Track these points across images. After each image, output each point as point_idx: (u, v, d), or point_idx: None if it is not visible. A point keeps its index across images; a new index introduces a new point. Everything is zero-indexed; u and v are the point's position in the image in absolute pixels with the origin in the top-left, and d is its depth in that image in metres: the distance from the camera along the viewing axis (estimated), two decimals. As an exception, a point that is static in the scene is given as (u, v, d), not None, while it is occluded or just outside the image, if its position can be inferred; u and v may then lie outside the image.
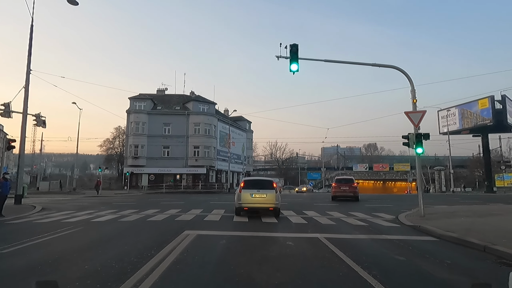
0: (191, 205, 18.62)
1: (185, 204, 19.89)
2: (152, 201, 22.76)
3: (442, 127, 49.75)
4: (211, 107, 51.09)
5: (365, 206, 18.22)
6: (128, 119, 48.52)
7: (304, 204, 20.57)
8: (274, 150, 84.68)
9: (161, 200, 23.76)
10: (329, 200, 22.63)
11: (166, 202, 20.84)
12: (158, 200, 23.84)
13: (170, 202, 21.28)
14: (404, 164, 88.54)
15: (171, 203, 20.15)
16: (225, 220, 11.89)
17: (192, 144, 48.57)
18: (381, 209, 16.43)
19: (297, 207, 17.42)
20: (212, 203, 20.11)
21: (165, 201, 21.75)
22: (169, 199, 24.80)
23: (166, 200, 22.88)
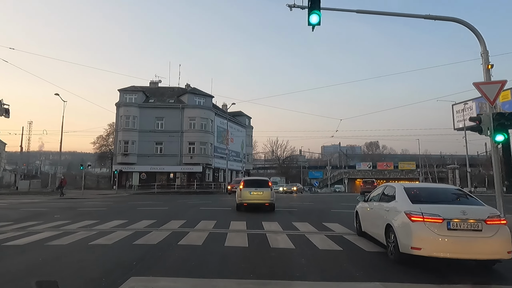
0: (174, 213, 14.21)
1: (168, 210, 15.46)
2: (130, 205, 18.32)
3: (457, 122, 45.32)
4: (208, 100, 46.61)
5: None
6: (118, 112, 44.02)
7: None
8: (275, 148, 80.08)
9: (143, 203, 19.37)
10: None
11: (144, 208, 16.42)
12: (139, 203, 19.43)
13: (150, 207, 16.86)
14: (409, 163, 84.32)
15: (150, 209, 15.74)
16: (212, 244, 7.44)
17: (187, 140, 44.09)
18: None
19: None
20: (202, 209, 15.70)
21: (144, 206, 17.34)
22: (152, 202, 20.40)
23: (147, 204, 18.46)
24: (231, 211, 14.86)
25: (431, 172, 74.03)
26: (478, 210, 5.55)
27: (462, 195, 6.33)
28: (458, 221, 5.29)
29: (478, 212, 5.44)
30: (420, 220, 5.44)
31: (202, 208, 15.90)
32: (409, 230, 5.50)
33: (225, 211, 15.04)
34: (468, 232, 5.24)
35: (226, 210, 15.19)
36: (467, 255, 5.26)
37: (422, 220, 5.43)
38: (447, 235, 5.25)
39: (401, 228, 5.73)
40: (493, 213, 5.47)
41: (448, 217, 5.32)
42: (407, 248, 5.45)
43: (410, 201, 5.94)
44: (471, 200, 6.05)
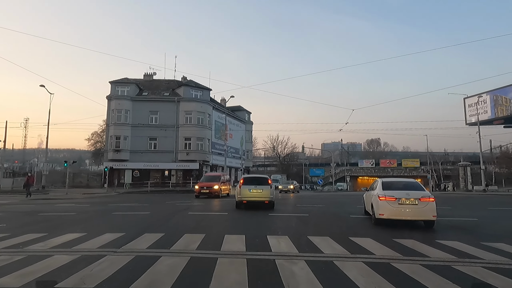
0: (155, 220, 11.16)
1: (148, 216, 12.35)
2: (109, 208, 15.19)
3: (470, 117, 42.36)
4: (205, 93, 43.46)
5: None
6: (109, 106, 40.88)
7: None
8: (276, 144, 76.84)
9: (125, 206, 16.30)
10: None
11: (123, 212, 13.32)
12: (121, 206, 16.36)
13: (130, 211, 13.76)
14: (413, 160, 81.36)
15: (128, 214, 12.65)
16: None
17: (183, 135, 41.00)
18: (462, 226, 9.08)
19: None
20: (191, 214, 12.63)
21: (124, 210, 14.24)
22: (137, 204, 17.27)
23: (128, 208, 15.36)
24: (227, 217, 11.83)
25: (435, 169, 71.07)
26: (418, 193, 9.40)
27: (416, 185, 10.18)
28: (404, 199, 9.26)
29: (416, 195, 9.33)
30: (383, 199, 9.47)
31: (191, 213, 12.82)
32: (378, 204, 9.61)
33: (219, 217, 12.00)
34: (409, 205, 9.21)
35: (221, 216, 12.14)
36: (409, 218, 9.31)
37: (385, 199, 9.44)
38: (397, 207, 9.23)
39: (375, 204, 9.86)
40: (425, 195, 9.36)
41: (398, 197, 9.31)
42: (377, 215, 9.60)
43: (382, 189, 9.89)
44: (419, 188, 9.93)
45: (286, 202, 19.40)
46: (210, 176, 24.68)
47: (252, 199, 14.13)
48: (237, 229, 9.15)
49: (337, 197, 25.41)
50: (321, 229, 9.32)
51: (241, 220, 10.98)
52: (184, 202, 18.66)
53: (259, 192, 14.09)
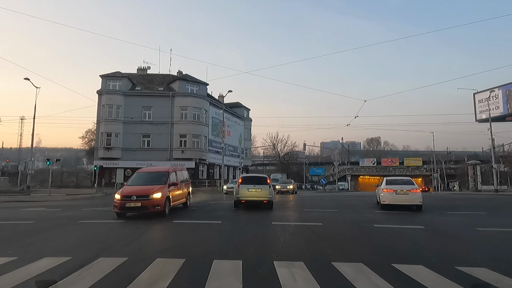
0: (124, 235, 8.51)
1: (120, 227, 9.72)
2: (81, 215, 12.55)
3: (480, 113, 39.82)
4: (202, 88, 40.81)
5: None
6: (100, 101, 38.19)
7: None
8: (276, 141, 74.08)
9: (100, 212, 13.68)
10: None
11: (92, 221, 10.67)
12: (97, 211, 13.76)
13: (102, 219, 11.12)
14: (416, 159, 78.92)
15: (95, 224, 10.01)
16: None
17: (178, 132, 38.37)
18: None
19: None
20: (174, 224, 9.97)
21: (96, 218, 11.62)
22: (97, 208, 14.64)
23: (99, 214, 12.71)
24: (220, 227, 9.24)
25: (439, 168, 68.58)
26: (409, 187, 13.62)
27: (409, 182, 14.56)
28: (399, 191, 13.42)
29: (408, 188, 13.53)
30: (386, 191, 13.69)
31: (176, 222, 10.18)
32: (381, 194, 14.01)
33: (210, 227, 9.39)
34: (403, 195, 13.38)
35: (212, 226, 9.53)
36: (402, 203, 13.33)
37: (387, 191, 13.65)
38: (395, 196, 13.41)
39: (381, 194, 14.18)
40: (414, 188, 13.68)
41: (395, 189, 13.48)
42: (382, 202, 13.89)
43: (385, 184, 14.26)
44: (411, 183, 14.23)
45: (289, 206, 16.81)
46: (148, 175, 12.85)
47: (251, 198, 13.86)
48: (231, 248, 6.57)
49: (346, 199, 22.80)
50: (347, 248, 6.74)
51: (237, 233, 8.41)
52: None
53: (258, 191, 13.80)
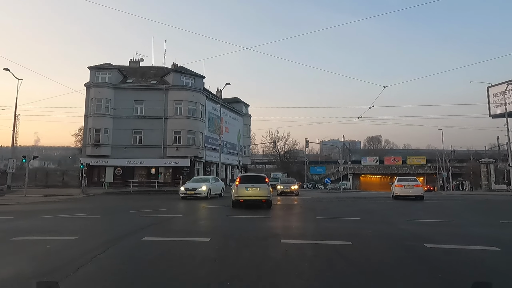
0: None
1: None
2: (19, 228, 9.56)
3: (495, 108, 36.92)
4: (198, 81, 37.80)
5: None
6: (88, 94, 35.16)
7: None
8: (276, 139, 70.89)
9: (59, 218, 10.69)
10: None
11: (29, 238, 7.57)
12: (49, 220, 10.74)
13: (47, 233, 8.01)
14: (419, 157, 76.02)
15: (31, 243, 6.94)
16: None
17: (172, 127, 35.37)
18: None
19: None
20: (145, 243, 6.91)
21: (38, 230, 8.62)
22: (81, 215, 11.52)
23: (53, 225, 9.74)
24: (207, 250, 6.22)
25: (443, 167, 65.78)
26: (413, 183, 19.97)
27: (415, 180, 20.88)
28: (407, 185, 19.88)
29: (412, 184, 19.90)
30: (397, 186, 20.21)
31: (148, 239, 7.14)
32: (394, 188, 20.69)
33: (194, 250, 6.34)
34: (409, 189, 19.67)
35: (197, 247, 6.48)
36: (409, 194, 19.65)
37: (398, 186, 20.14)
38: (403, 189, 19.82)
39: (393, 188, 20.93)
40: (417, 184, 20.16)
41: (404, 185, 19.96)
42: (394, 194, 20.41)
43: (397, 181, 20.74)
44: (415, 181, 20.57)
45: (297, 212, 13.75)
46: None
47: (249, 198, 13.58)
48: None
49: (359, 202, 19.77)
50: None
51: (231, 260, 5.45)
52: (159, 210, 13.09)
53: (257, 191, 13.53)
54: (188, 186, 19.84)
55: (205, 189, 19.47)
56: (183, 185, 20.46)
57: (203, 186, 19.58)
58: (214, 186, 21.02)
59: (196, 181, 21.19)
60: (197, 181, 21.12)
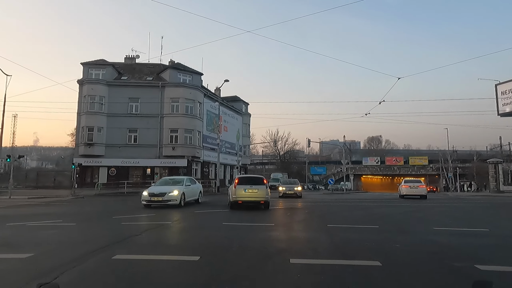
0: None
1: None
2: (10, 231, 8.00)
3: (503, 106, 35.34)
4: (196, 78, 36.23)
5: None
6: (81, 91, 33.58)
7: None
8: (276, 138, 69.15)
9: (29, 226, 9.12)
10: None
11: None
12: (17, 228, 9.18)
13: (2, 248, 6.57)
14: (421, 158, 74.51)
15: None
16: None
17: (169, 126, 33.80)
18: None
19: None
20: (115, 264, 5.42)
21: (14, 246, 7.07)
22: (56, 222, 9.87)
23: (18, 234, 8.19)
24: (195, 272, 4.65)
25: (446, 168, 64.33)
26: (418, 184, 23.57)
27: (419, 181, 25.64)
28: (412, 185, 23.24)
29: (417, 184, 23.49)
30: (404, 186, 23.49)
31: (121, 258, 5.57)
32: (401, 189, 23.98)
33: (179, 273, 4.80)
34: (414, 189, 22.94)
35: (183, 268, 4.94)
36: (414, 193, 22.66)
37: (405, 186, 23.41)
38: (409, 189, 23.01)
39: (400, 188, 24.28)
40: (422, 184, 23.87)
41: (410, 185, 23.31)
42: (401, 194, 23.73)
43: (404, 182, 24.21)
44: (420, 182, 24.92)
45: (304, 218, 12.14)
46: None
47: (248, 199, 13.43)
48: None
49: (366, 204, 18.23)
50: None
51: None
52: (147, 216, 11.50)
53: (255, 192, 13.35)
54: (154, 190, 14.51)
55: (177, 194, 14.12)
56: (147, 189, 14.93)
57: (174, 190, 14.22)
58: (189, 189, 15.77)
59: (166, 183, 15.88)
60: (167, 183, 15.83)
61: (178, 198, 14.19)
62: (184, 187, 15.24)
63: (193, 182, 17.27)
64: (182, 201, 14.43)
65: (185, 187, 15.35)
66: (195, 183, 17.56)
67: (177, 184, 15.44)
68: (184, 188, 15.17)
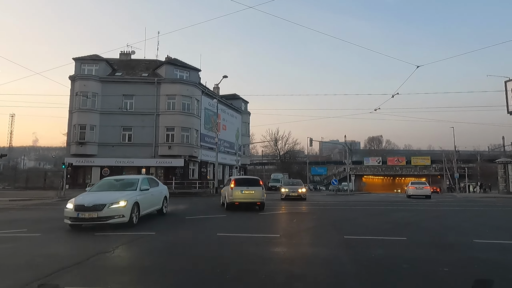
0: None
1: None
2: None
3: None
4: (193, 74, 34.51)
5: None
6: (72, 88, 31.81)
7: None
8: (277, 137, 67.28)
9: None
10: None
11: None
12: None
13: None
14: (424, 158, 72.78)
15: None
16: None
17: (165, 124, 32.08)
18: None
19: None
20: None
21: None
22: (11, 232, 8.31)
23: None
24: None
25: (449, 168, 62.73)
26: (423, 185, 27.37)
27: (424, 182, 30.84)
28: (418, 187, 26.74)
29: (422, 186, 27.18)
30: (411, 188, 26.79)
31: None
32: (408, 190, 27.26)
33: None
34: (419, 190, 26.12)
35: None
36: (420, 194, 25.58)
37: (411, 188, 26.71)
38: (415, 190, 26.16)
39: (407, 189, 27.66)
40: (426, 186, 27.42)
41: (416, 186, 26.73)
42: (408, 194, 26.72)
43: (411, 184, 27.71)
44: (425, 184, 29.26)
45: (313, 225, 10.42)
46: None
47: (244, 200, 13.42)
48: None
49: (379, 207, 16.52)
50: None
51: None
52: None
53: (251, 193, 13.47)
54: (86, 199, 8.95)
55: (125, 205, 8.90)
56: (73, 198, 9.14)
57: (120, 199, 8.93)
58: (146, 197, 10.26)
59: (109, 187, 10.35)
60: (110, 187, 10.34)
61: (127, 213, 8.78)
62: (138, 192, 9.76)
63: (153, 183, 11.42)
64: (134, 216, 9.11)
65: (140, 193, 9.82)
66: (158, 185, 11.88)
67: (126, 189, 9.91)
68: (138, 194, 9.70)
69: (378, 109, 23.91)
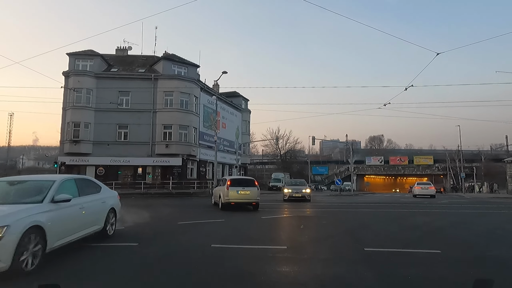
0: None
1: None
2: None
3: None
4: (192, 70, 33.17)
5: None
6: (66, 84, 30.46)
7: None
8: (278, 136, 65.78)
9: None
10: None
11: None
12: None
13: None
14: (426, 157, 71.48)
15: None
16: None
17: (162, 122, 30.76)
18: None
19: None
20: None
21: None
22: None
23: None
24: None
25: (452, 167, 61.45)
26: (428, 186, 29.21)
27: (429, 183, 31.65)
28: (423, 187, 28.86)
29: (428, 186, 29.15)
30: (417, 188, 29.31)
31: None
32: (414, 190, 30.08)
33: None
34: (425, 190, 28.14)
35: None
36: (425, 193, 27.63)
37: (417, 188, 29.17)
38: (421, 190, 28.33)
39: (413, 189, 30.46)
40: (431, 186, 29.20)
41: (422, 187, 29.03)
42: (414, 194, 29.63)
43: (416, 184, 30.63)
44: (430, 184, 30.63)
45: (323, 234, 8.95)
46: None
47: (240, 200, 13.49)
48: None
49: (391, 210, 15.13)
50: None
51: None
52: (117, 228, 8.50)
53: (247, 193, 13.61)
54: None
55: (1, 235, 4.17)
56: None
57: None
58: (65, 214, 5.49)
59: None
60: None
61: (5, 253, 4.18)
62: (45, 207, 5.18)
63: (87, 189, 6.86)
64: (28, 258, 4.53)
65: (50, 208, 5.24)
66: (98, 192, 7.25)
67: (23, 200, 5.32)
68: (46, 210, 5.12)
69: (388, 104, 22.57)
